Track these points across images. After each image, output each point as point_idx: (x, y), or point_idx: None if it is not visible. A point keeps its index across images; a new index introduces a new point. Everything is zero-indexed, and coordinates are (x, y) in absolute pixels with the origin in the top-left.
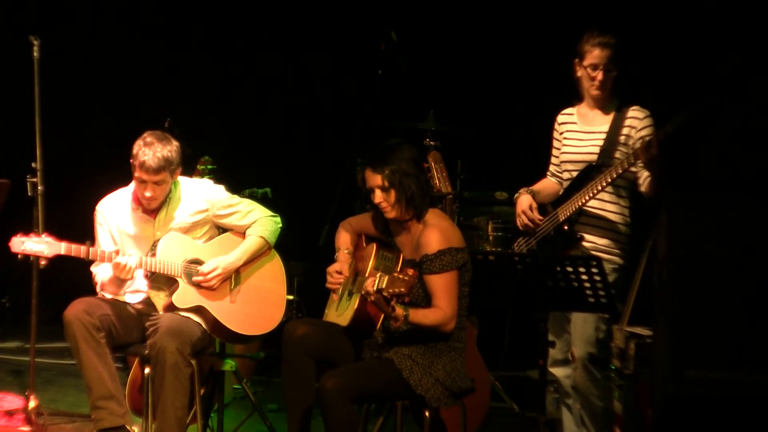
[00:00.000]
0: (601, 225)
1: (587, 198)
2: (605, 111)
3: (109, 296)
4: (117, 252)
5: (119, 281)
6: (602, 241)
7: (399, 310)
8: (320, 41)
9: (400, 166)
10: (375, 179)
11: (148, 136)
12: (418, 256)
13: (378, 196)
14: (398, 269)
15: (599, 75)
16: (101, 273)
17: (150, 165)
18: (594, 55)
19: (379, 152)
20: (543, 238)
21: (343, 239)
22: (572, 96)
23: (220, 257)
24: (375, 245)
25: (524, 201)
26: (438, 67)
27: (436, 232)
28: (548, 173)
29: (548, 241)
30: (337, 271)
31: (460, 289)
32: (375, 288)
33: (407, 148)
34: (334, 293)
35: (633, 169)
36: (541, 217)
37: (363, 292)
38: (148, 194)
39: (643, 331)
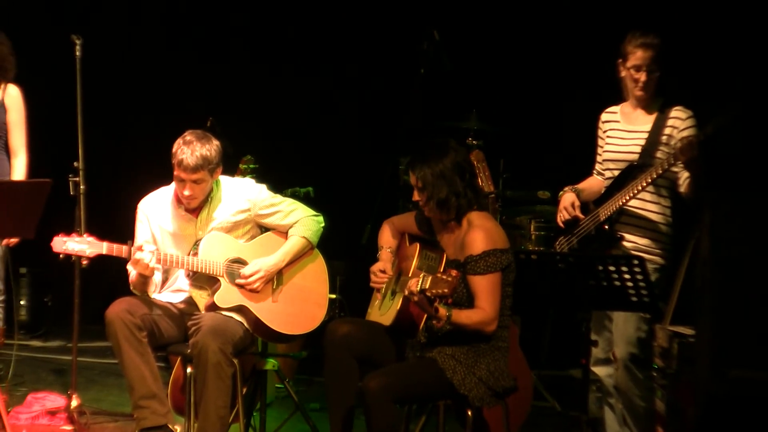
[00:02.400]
0: (642, 225)
1: (628, 198)
2: (648, 111)
3: (138, 294)
4: (140, 248)
5: (142, 278)
6: (643, 241)
7: (442, 311)
8: (364, 40)
9: (436, 168)
10: (412, 178)
11: (188, 135)
12: (462, 257)
13: (415, 194)
14: (441, 269)
15: (642, 76)
16: (134, 271)
17: (188, 163)
18: (637, 56)
19: (421, 151)
20: (584, 237)
21: (386, 238)
22: (616, 95)
23: (263, 259)
24: (418, 245)
25: (567, 198)
26: (481, 65)
27: (481, 233)
28: (594, 171)
29: (589, 240)
30: (381, 270)
31: (503, 289)
32: (418, 288)
33: (452, 150)
34: (377, 292)
35: (674, 169)
36: (582, 215)
37: (406, 293)
38: (186, 193)
39: (686, 330)
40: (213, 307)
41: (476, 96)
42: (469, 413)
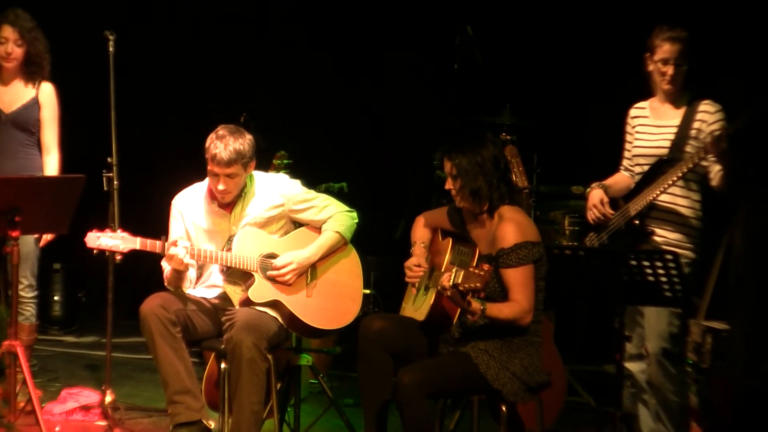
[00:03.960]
0: (672, 219)
1: (658, 192)
2: (677, 105)
3: (173, 289)
4: (174, 243)
5: (177, 274)
6: (674, 236)
7: (475, 305)
8: (396, 36)
9: (473, 159)
10: (447, 165)
11: (220, 130)
12: (494, 251)
13: (448, 182)
14: (474, 264)
15: (669, 69)
16: (168, 267)
17: (221, 157)
18: (664, 49)
19: (458, 140)
20: (614, 233)
21: (419, 233)
22: (648, 90)
23: (295, 252)
24: (451, 240)
25: (595, 195)
26: (514, 61)
27: (512, 226)
28: (621, 167)
29: (619, 236)
30: (416, 265)
31: (536, 283)
32: (451, 283)
33: (490, 142)
34: (412, 287)
35: (704, 163)
36: (611, 212)
37: (439, 288)
38: (220, 187)
39: (720, 325)
40: (247, 303)
41: (510, 91)
42: (503, 408)
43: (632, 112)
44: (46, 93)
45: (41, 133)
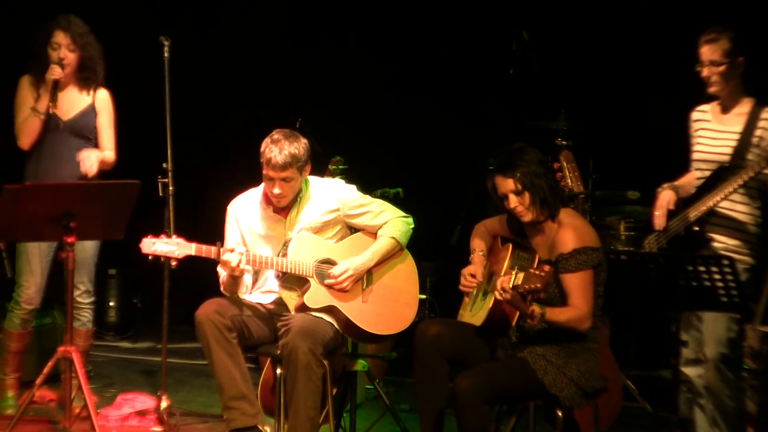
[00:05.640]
0: (731, 225)
1: (719, 199)
2: (738, 111)
3: (229, 295)
4: (230, 249)
5: (233, 279)
6: (732, 242)
7: (535, 308)
8: (453, 41)
9: (530, 168)
10: (507, 184)
11: (275, 134)
12: (554, 256)
13: (513, 201)
14: (534, 267)
15: (704, 71)
16: (224, 273)
17: (277, 161)
18: (701, 52)
19: (506, 157)
20: (673, 237)
21: (478, 241)
22: (705, 93)
23: (351, 259)
24: (511, 245)
25: (665, 196)
26: (569, 65)
27: (571, 232)
28: (692, 167)
29: (678, 240)
30: (471, 274)
31: (594, 289)
32: (511, 285)
33: (532, 150)
34: (466, 296)
35: (766, 171)
36: (665, 225)
37: (499, 289)
38: (276, 191)
39: None
40: (303, 308)
41: (565, 96)
42: (560, 414)
43: (694, 115)
44: (102, 99)
45: (98, 138)
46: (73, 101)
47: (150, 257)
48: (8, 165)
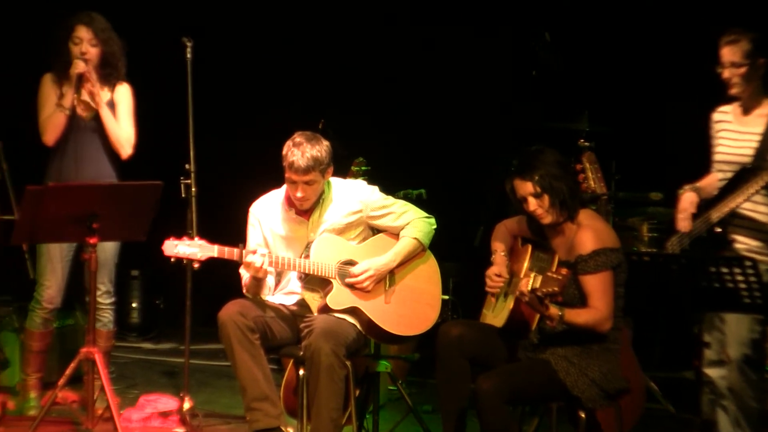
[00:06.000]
0: (753, 227)
1: (741, 201)
2: (760, 112)
3: (251, 297)
4: (253, 251)
5: (256, 281)
6: (755, 243)
7: (553, 310)
8: (474, 41)
9: (548, 170)
10: (526, 187)
11: (297, 137)
12: (573, 257)
13: (532, 204)
14: (553, 269)
15: (725, 73)
16: (246, 274)
17: (299, 165)
18: (722, 54)
19: (523, 160)
20: (696, 238)
21: (499, 241)
22: (727, 95)
23: (373, 258)
24: (530, 246)
25: (687, 198)
26: (592, 66)
27: (590, 233)
28: (713, 169)
29: (701, 242)
30: (497, 274)
31: (615, 290)
32: (529, 288)
33: (550, 152)
34: (491, 296)
35: None
36: (690, 228)
37: (517, 293)
38: (299, 195)
39: None
40: (325, 309)
41: (587, 97)
42: (582, 415)
43: (716, 116)
44: (121, 92)
45: None
46: (101, 102)
47: (172, 259)
48: (29, 165)
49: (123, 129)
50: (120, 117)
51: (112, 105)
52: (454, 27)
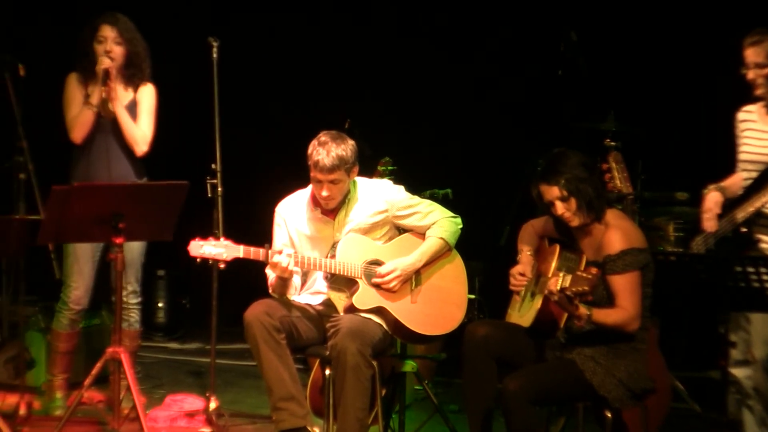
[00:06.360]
0: None
1: (766, 200)
2: None
3: (277, 297)
4: (279, 251)
5: (282, 281)
6: None
7: (582, 309)
8: (500, 42)
9: (574, 173)
10: (552, 191)
11: (322, 136)
12: (601, 258)
13: (559, 208)
14: (581, 269)
15: (749, 74)
16: (272, 275)
17: (324, 164)
18: (746, 54)
19: (548, 165)
20: (721, 238)
21: (526, 240)
22: (752, 95)
23: (399, 259)
24: (558, 246)
25: (712, 198)
26: (618, 66)
27: (618, 233)
28: (738, 168)
29: (726, 242)
30: (520, 273)
31: (642, 290)
32: (558, 287)
33: (573, 154)
34: (516, 295)
35: None
36: (716, 227)
37: (546, 292)
38: (324, 194)
39: None
40: (352, 309)
41: (614, 97)
42: (608, 415)
43: (740, 115)
44: (144, 91)
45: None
46: (118, 99)
47: (198, 260)
48: (53, 165)
49: (139, 127)
50: (139, 115)
51: (134, 105)
52: (481, 26)
